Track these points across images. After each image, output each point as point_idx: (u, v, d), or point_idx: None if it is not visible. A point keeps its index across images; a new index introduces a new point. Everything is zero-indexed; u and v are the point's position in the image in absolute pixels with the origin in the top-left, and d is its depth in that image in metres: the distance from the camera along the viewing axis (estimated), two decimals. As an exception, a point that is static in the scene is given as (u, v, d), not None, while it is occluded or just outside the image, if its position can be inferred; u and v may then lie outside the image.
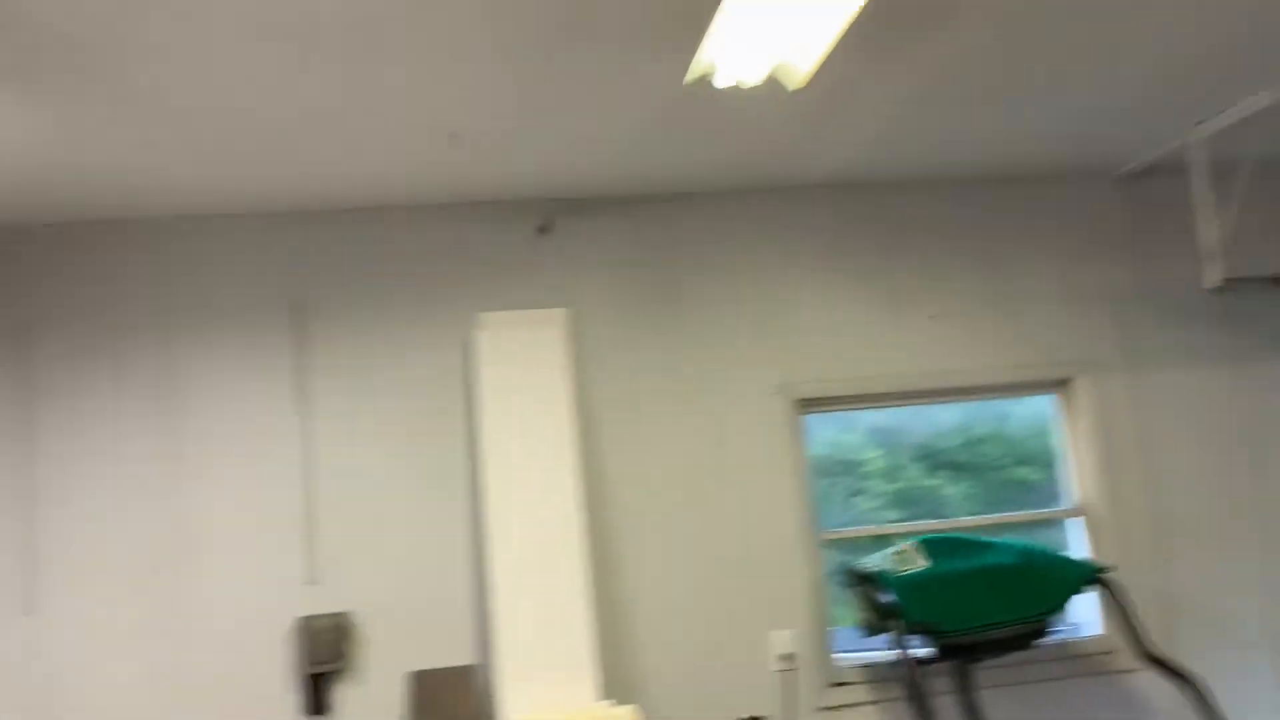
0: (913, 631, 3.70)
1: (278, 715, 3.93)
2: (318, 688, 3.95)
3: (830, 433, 4.61)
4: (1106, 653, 4.40)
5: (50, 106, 3.09)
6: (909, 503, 4.59)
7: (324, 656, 3.96)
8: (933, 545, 3.98)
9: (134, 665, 3.91)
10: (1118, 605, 3.83)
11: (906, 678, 3.59)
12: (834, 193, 4.57)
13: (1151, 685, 4.31)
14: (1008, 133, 4.11)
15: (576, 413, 4.20)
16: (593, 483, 4.21)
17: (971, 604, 3.72)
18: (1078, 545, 4.54)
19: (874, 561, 4.00)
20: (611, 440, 4.29)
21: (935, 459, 4.68)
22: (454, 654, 4.05)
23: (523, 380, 4.18)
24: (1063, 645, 4.39)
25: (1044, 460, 4.67)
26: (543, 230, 4.38)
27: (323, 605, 4.02)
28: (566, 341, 4.26)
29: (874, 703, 4.24)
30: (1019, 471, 4.71)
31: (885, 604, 3.79)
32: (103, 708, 3.86)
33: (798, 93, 3.34)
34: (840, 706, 4.23)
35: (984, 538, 4.11)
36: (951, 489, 4.64)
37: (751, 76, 2.97)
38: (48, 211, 3.99)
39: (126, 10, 2.60)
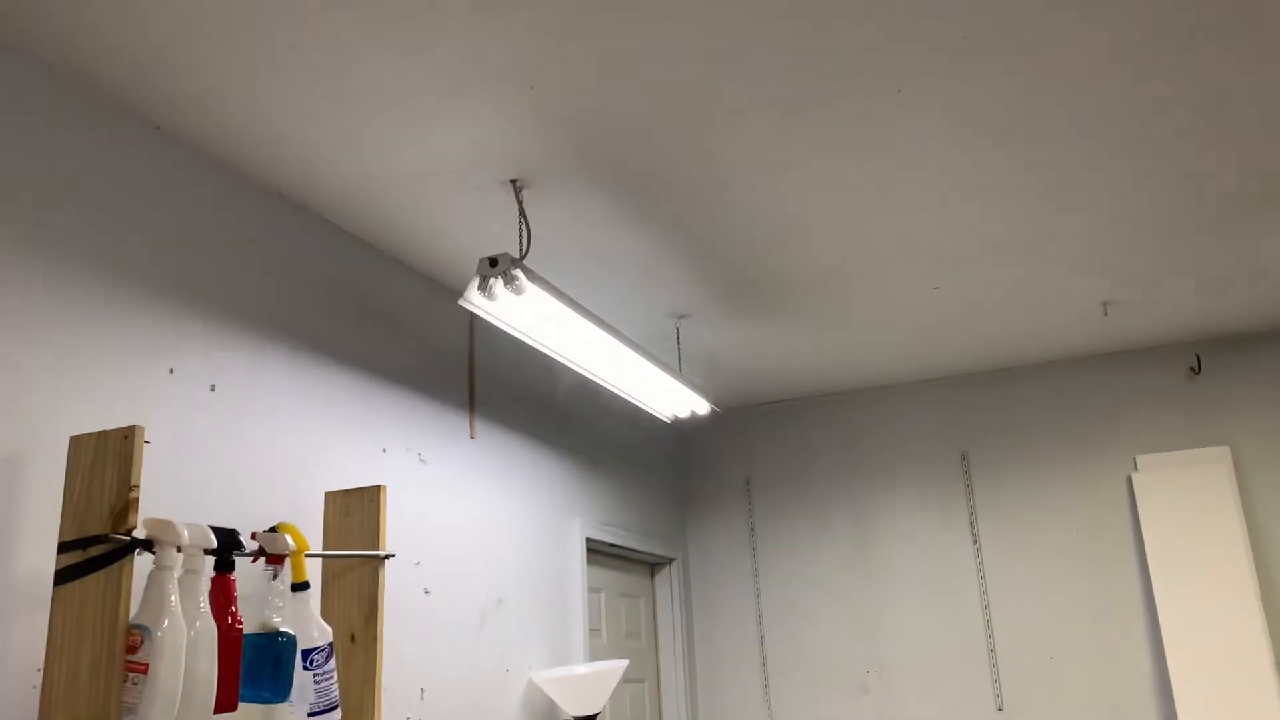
0: None
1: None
2: (1013, 807, 4.35)
3: None
4: None
5: (786, 326, 4.07)
6: None
7: (1016, 778, 4.35)
8: None
9: (852, 770, 4.65)
10: None
11: None
12: None
13: None
14: None
15: (1252, 548, 4.22)
16: (1275, 618, 4.17)
17: None
18: None
19: None
20: (1295, 579, 4.23)
21: None
22: (1144, 788, 4.21)
23: (1189, 518, 4.31)
24: None
25: None
26: (1194, 371, 4.53)
27: (1010, 730, 4.45)
28: (1231, 479, 4.32)
29: None
30: None
31: None
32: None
33: None
34: None
35: None
36: None
37: None
38: (764, 393, 5.07)
39: (838, 265, 3.43)
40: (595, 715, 3.51)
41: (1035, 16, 2.21)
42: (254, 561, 2.20)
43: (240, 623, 2.02)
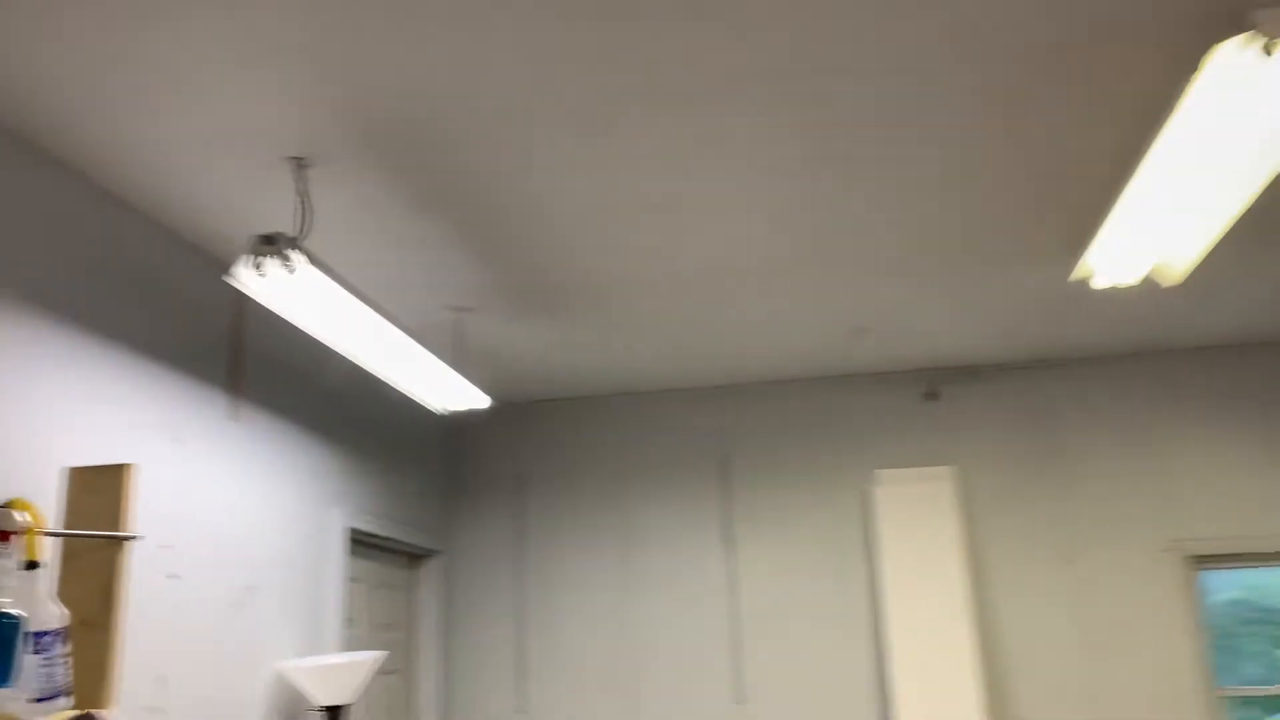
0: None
1: (714, 816, 4.64)
2: (745, 796, 4.61)
3: (1246, 579, 4.69)
4: None
5: (565, 328, 4.16)
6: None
7: (750, 768, 4.62)
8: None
9: (598, 762, 4.79)
10: None
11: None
12: (1218, 354, 4.78)
13: None
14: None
15: (968, 561, 4.67)
16: (985, 625, 4.63)
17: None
18: None
19: None
20: (1001, 588, 4.70)
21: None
22: (862, 776, 4.57)
23: (916, 530, 4.72)
24: None
25: None
26: (930, 396, 4.96)
27: (747, 723, 4.72)
28: (956, 496, 4.76)
29: None
30: None
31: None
32: (575, 796, 4.76)
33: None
34: None
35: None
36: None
37: (1129, 279, 3.42)
38: (539, 392, 5.15)
39: (614, 274, 3.56)
40: (345, 706, 3.47)
41: (814, 70, 2.38)
42: (-19, 537, 2.06)
43: (-39, 602, 1.89)
